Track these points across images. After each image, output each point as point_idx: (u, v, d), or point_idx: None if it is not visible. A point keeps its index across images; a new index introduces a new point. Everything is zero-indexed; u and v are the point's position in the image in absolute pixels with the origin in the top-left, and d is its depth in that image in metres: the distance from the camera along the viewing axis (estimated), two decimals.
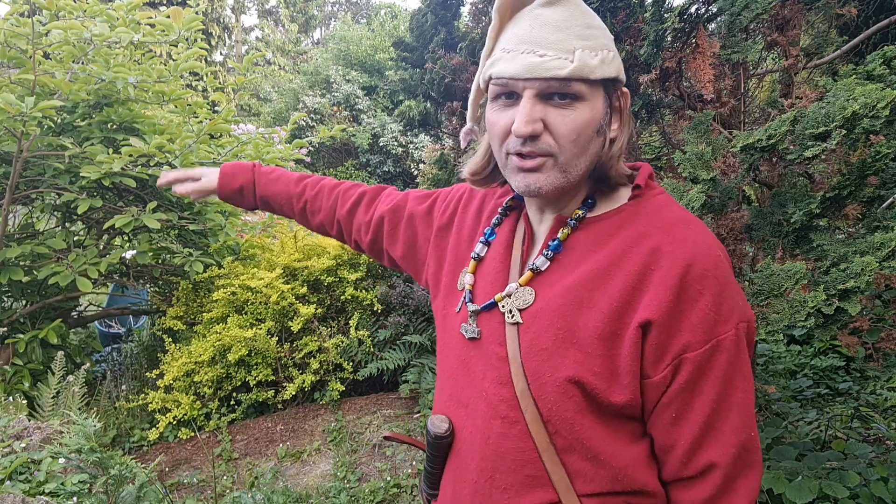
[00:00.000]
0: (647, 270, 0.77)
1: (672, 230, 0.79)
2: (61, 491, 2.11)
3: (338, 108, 11.67)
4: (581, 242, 0.84)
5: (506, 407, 0.81)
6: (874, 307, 1.74)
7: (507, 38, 0.80)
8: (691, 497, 0.78)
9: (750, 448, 0.77)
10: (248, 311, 3.79)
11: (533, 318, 0.82)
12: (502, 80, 0.78)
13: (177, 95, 3.73)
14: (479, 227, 1.01)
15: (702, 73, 1.71)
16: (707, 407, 0.75)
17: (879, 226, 1.69)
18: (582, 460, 0.79)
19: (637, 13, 1.77)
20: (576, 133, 0.77)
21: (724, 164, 1.69)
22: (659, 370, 0.76)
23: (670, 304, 0.74)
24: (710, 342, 0.74)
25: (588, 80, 0.76)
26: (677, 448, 0.78)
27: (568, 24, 0.77)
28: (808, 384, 2.93)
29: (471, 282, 0.93)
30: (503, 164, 0.84)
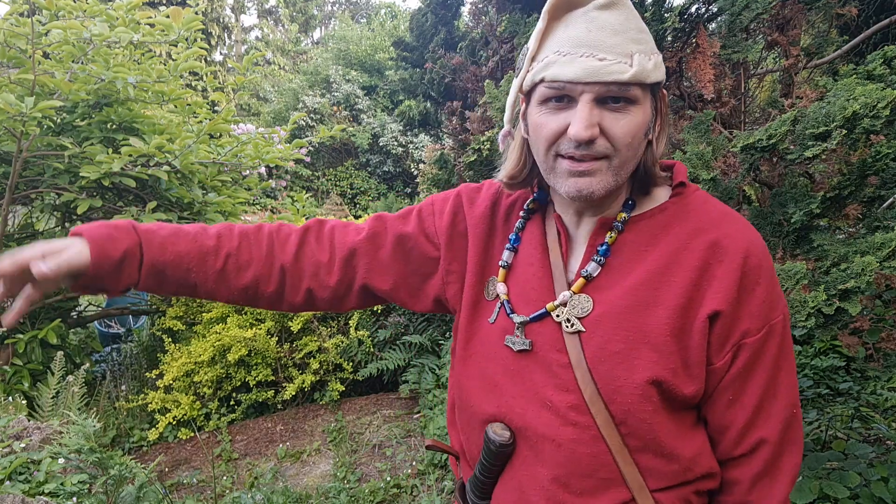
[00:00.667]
0: (708, 265, 0.79)
1: (723, 224, 0.82)
2: (61, 491, 2.10)
3: (338, 108, 11.67)
4: (628, 244, 0.84)
5: (575, 413, 0.80)
6: (874, 307, 1.74)
7: (560, 40, 0.77)
8: (743, 473, 0.83)
9: (794, 424, 0.83)
10: (248, 311, 3.79)
11: (595, 325, 0.81)
12: (559, 84, 0.76)
13: (176, 95, 3.73)
14: (496, 232, 0.97)
15: (702, 72, 1.71)
16: (760, 389, 0.81)
17: (880, 226, 1.68)
18: (654, 458, 0.80)
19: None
20: (631, 136, 0.77)
21: (724, 163, 1.69)
22: (721, 356, 0.80)
23: (735, 294, 0.78)
24: (764, 328, 0.79)
25: (644, 83, 0.76)
26: (732, 429, 0.82)
27: (624, 28, 0.76)
28: (808, 384, 2.93)
29: (504, 291, 0.90)
30: (549, 166, 0.81)
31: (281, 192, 10.50)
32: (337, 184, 11.56)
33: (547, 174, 0.83)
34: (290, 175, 10.99)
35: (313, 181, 11.56)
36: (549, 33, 0.80)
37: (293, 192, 10.59)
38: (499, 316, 0.90)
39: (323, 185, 11.56)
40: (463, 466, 0.98)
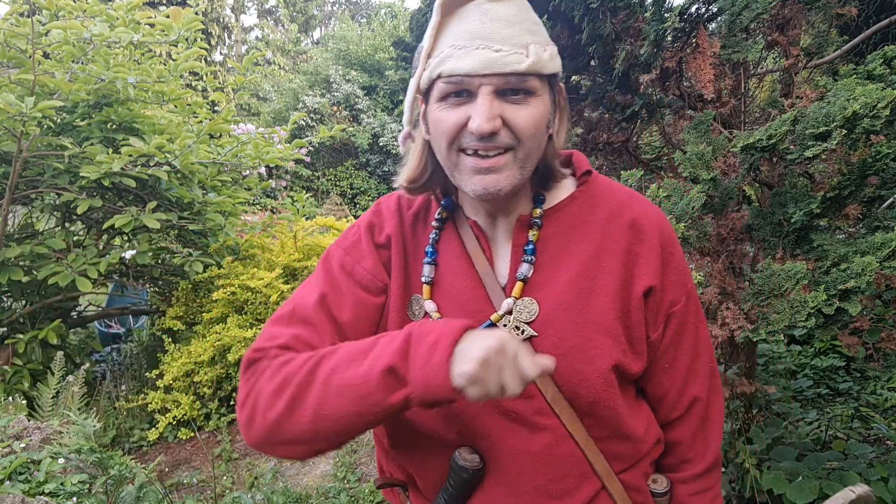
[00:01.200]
0: (630, 244, 0.83)
1: (633, 205, 0.86)
2: (61, 491, 2.10)
3: (338, 108, 11.67)
4: (551, 237, 0.84)
5: (541, 417, 0.80)
6: (874, 307, 1.74)
7: (454, 34, 0.76)
8: (682, 433, 0.90)
9: (715, 376, 0.91)
10: (248, 311, 3.79)
11: (546, 326, 0.80)
12: (456, 78, 0.74)
13: (176, 95, 3.73)
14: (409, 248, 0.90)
15: (702, 72, 1.71)
16: (689, 351, 0.87)
17: (880, 226, 1.68)
18: (618, 442, 0.83)
19: (637, 13, 1.77)
20: (534, 127, 0.76)
21: (724, 163, 1.69)
22: (656, 328, 0.84)
23: (660, 268, 0.83)
24: (684, 294, 0.86)
25: (542, 74, 0.76)
26: (670, 394, 0.88)
27: (518, 19, 0.76)
28: (808, 384, 2.93)
29: (434, 308, 0.85)
30: (453, 163, 0.78)
31: (281, 192, 10.50)
32: (337, 184, 11.56)
33: (451, 172, 0.80)
34: (290, 175, 10.99)
35: (313, 181, 11.56)
36: (443, 29, 0.78)
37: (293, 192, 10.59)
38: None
39: (323, 185, 11.56)
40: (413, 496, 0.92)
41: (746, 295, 1.61)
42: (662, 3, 1.72)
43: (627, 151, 2.21)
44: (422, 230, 0.91)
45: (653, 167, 2.22)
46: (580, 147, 2.10)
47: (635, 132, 2.21)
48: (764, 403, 2.44)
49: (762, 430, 2.12)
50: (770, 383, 2.79)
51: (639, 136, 2.32)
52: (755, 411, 2.28)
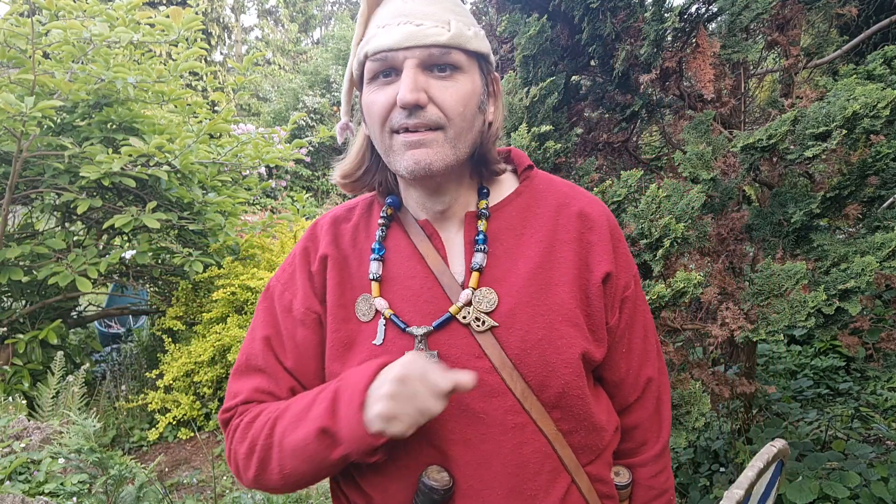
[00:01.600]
0: (581, 233, 0.84)
1: (577, 196, 0.88)
2: (61, 491, 2.10)
3: (338, 108, 11.66)
4: (503, 230, 0.84)
5: (511, 416, 0.77)
6: (874, 307, 1.74)
7: (380, 16, 0.78)
8: (640, 416, 0.91)
9: (660, 357, 0.94)
10: (248, 312, 3.79)
11: (510, 317, 0.78)
12: (381, 54, 0.75)
13: (176, 95, 3.73)
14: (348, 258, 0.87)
15: (702, 72, 1.71)
16: (641, 333, 0.89)
17: (880, 226, 1.68)
18: (584, 434, 0.82)
19: (637, 13, 1.77)
20: (462, 104, 0.76)
21: (724, 163, 1.69)
22: (613, 314, 0.85)
23: (612, 253, 0.84)
24: (633, 278, 0.88)
25: (466, 49, 0.77)
26: (628, 377, 0.89)
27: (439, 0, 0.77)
28: (808, 384, 2.93)
29: (386, 305, 0.81)
30: (387, 145, 0.77)
31: (281, 192, 10.50)
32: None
33: (387, 156, 0.79)
34: (290, 175, 10.99)
35: (313, 181, 11.56)
36: (371, 18, 0.80)
37: (293, 192, 10.60)
38: (387, 335, 0.80)
39: (323, 185, 11.56)
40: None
41: (746, 295, 1.61)
42: (662, 3, 1.72)
43: (627, 151, 2.21)
44: (364, 238, 0.88)
45: (653, 167, 2.22)
46: (580, 147, 2.10)
47: (635, 132, 2.21)
48: (764, 403, 2.44)
49: (762, 430, 2.12)
50: (770, 383, 2.79)
51: (639, 136, 2.32)
52: (755, 411, 2.28)
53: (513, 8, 2.01)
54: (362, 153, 0.86)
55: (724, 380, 1.75)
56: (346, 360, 0.82)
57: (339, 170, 0.88)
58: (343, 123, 0.89)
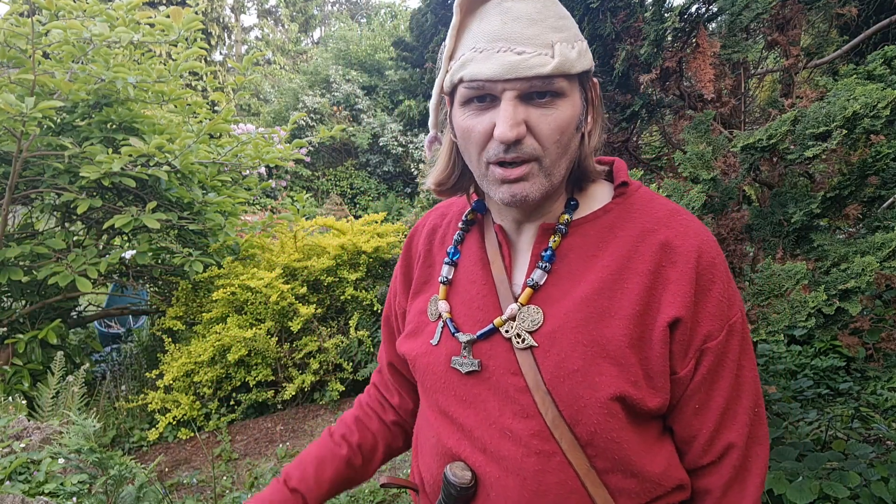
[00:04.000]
0: (660, 267, 0.75)
1: (671, 223, 0.78)
2: (61, 491, 2.10)
3: (338, 108, 11.67)
4: (575, 249, 0.79)
5: (538, 441, 0.74)
6: (875, 307, 1.74)
7: (475, 35, 0.72)
8: (713, 482, 0.79)
9: (759, 423, 0.80)
10: (248, 312, 3.79)
11: (550, 339, 0.75)
12: (477, 83, 0.71)
13: (176, 95, 3.73)
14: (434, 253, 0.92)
15: (702, 72, 1.71)
16: (726, 392, 0.77)
17: (880, 226, 1.68)
18: (623, 477, 0.75)
19: (637, 13, 1.77)
20: (559, 132, 0.72)
21: (724, 163, 1.69)
22: (685, 364, 0.75)
23: (692, 297, 0.74)
24: (724, 328, 0.76)
25: (569, 74, 0.71)
26: (700, 437, 0.78)
27: (542, 17, 0.71)
28: (808, 384, 2.93)
29: (447, 309, 0.84)
30: (482, 174, 0.76)
31: (281, 192, 10.50)
32: (337, 184, 11.56)
33: (481, 181, 0.78)
34: (290, 175, 10.99)
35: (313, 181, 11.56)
36: (464, 29, 0.75)
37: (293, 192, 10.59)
38: (442, 336, 0.83)
39: (323, 185, 11.56)
40: (423, 501, 0.90)
41: (746, 295, 1.61)
42: (662, 3, 1.72)
43: (627, 151, 2.21)
44: (451, 234, 0.92)
45: (653, 167, 2.22)
46: None
47: (635, 132, 2.21)
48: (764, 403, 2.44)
49: None
50: (770, 383, 2.79)
51: (639, 136, 2.32)
52: None
53: None
54: (452, 161, 0.84)
55: None
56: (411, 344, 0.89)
57: (433, 178, 0.86)
58: (432, 136, 0.87)
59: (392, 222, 5.47)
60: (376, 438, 1.04)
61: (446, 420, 0.82)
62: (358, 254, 4.17)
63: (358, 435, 1.03)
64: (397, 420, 1.06)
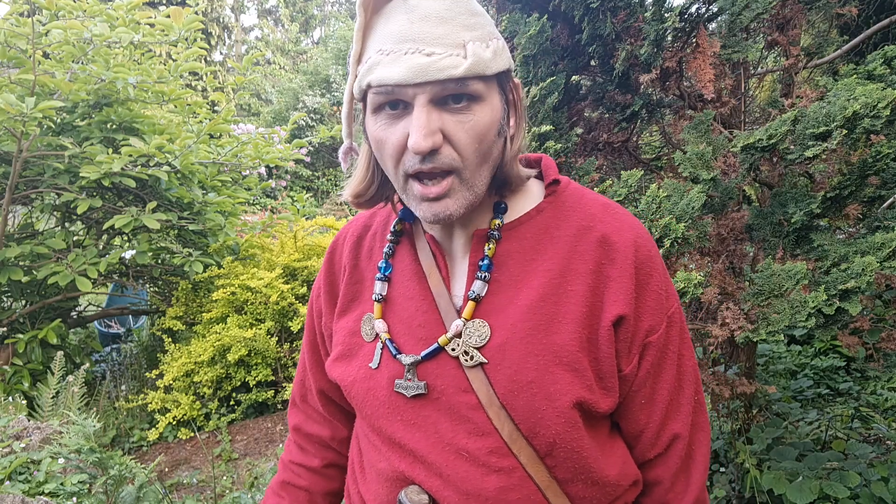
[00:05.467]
0: (601, 266, 0.74)
1: (606, 217, 0.77)
2: (61, 491, 2.10)
3: (338, 108, 11.66)
4: (513, 254, 0.76)
5: (497, 458, 0.71)
6: (875, 307, 1.74)
7: (382, 36, 0.67)
8: (661, 474, 0.80)
9: (700, 410, 0.80)
10: (248, 312, 3.79)
11: (500, 353, 0.72)
12: (386, 88, 0.65)
13: (176, 95, 3.73)
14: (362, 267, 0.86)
15: (702, 72, 1.71)
16: (670, 384, 0.77)
17: (880, 226, 1.68)
18: (584, 486, 0.74)
19: (637, 13, 1.77)
20: (478, 140, 0.68)
21: (724, 163, 1.69)
22: (629, 361, 0.75)
23: (633, 293, 0.73)
24: (664, 321, 0.76)
25: (485, 75, 0.67)
26: (647, 430, 0.78)
27: (451, 14, 0.66)
28: (808, 384, 2.93)
29: (384, 328, 0.79)
30: (401, 187, 0.72)
31: (281, 192, 10.51)
32: (337, 184, 11.55)
33: (402, 193, 0.74)
34: (290, 175, 10.99)
35: (313, 181, 11.56)
36: (370, 29, 0.69)
37: (293, 192, 10.60)
38: (382, 359, 0.78)
39: (323, 185, 11.56)
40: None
41: (746, 295, 1.61)
42: (662, 3, 1.72)
43: (627, 151, 2.21)
44: (379, 250, 0.85)
45: (653, 167, 2.22)
46: (580, 147, 2.10)
47: (635, 132, 2.21)
48: (764, 403, 2.44)
49: (762, 430, 2.12)
50: (770, 383, 2.79)
51: (639, 136, 2.32)
52: (755, 411, 2.28)
53: (513, 8, 2.01)
54: (371, 171, 0.78)
55: (724, 380, 1.75)
56: (344, 368, 0.83)
57: (350, 190, 0.80)
58: (346, 147, 0.81)
59: None
60: (310, 492, 0.98)
61: (393, 446, 0.77)
62: None
63: (288, 498, 0.97)
64: (328, 461, 0.99)
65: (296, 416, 1.01)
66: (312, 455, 0.99)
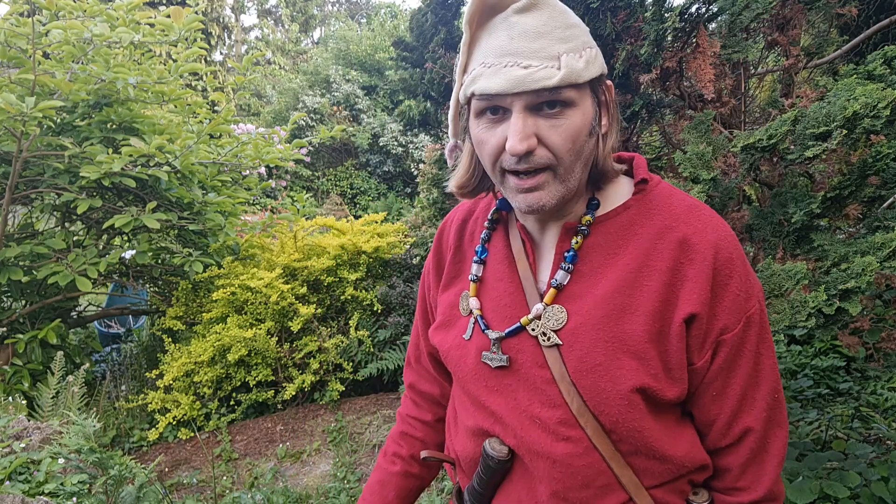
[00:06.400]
0: (679, 264, 0.78)
1: (690, 219, 0.81)
2: (61, 491, 2.10)
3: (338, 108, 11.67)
4: (596, 247, 0.82)
5: (565, 428, 0.80)
6: (875, 307, 1.74)
7: (484, 50, 0.75)
8: (731, 462, 0.84)
9: (778, 408, 0.83)
10: (248, 312, 3.79)
11: (573, 336, 0.80)
12: (487, 97, 0.74)
13: (176, 95, 3.73)
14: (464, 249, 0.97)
15: (702, 72, 1.70)
16: (743, 380, 0.81)
17: (880, 226, 1.68)
18: (647, 460, 0.81)
19: (637, 13, 1.77)
20: (571, 141, 0.75)
21: (724, 163, 1.69)
22: (701, 356, 0.79)
23: (708, 294, 0.77)
24: (741, 321, 0.79)
25: (577, 84, 0.73)
26: (718, 421, 0.82)
27: (547, 29, 0.73)
28: (808, 384, 2.93)
29: (477, 306, 0.89)
30: (499, 182, 0.81)
31: (281, 192, 10.51)
32: (337, 184, 11.56)
33: (499, 187, 0.82)
34: (290, 175, 10.99)
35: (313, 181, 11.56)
36: (475, 43, 0.78)
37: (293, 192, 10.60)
38: (474, 332, 0.89)
39: (323, 185, 11.56)
40: (459, 474, 0.97)
41: None
42: (662, 3, 1.72)
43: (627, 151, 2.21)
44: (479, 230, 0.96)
45: (653, 167, 2.22)
46: None
47: (635, 132, 2.21)
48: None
49: None
50: None
51: (639, 136, 2.32)
52: None
53: None
54: (473, 166, 0.87)
55: None
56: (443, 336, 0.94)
57: (455, 181, 0.89)
58: (452, 144, 0.90)
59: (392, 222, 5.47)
60: (425, 443, 1.10)
61: (479, 407, 0.88)
62: (358, 254, 4.17)
63: (406, 447, 1.10)
64: (439, 416, 1.10)
65: (410, 375, 1.14)
66: (426, 410, 1.11)
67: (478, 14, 0.76)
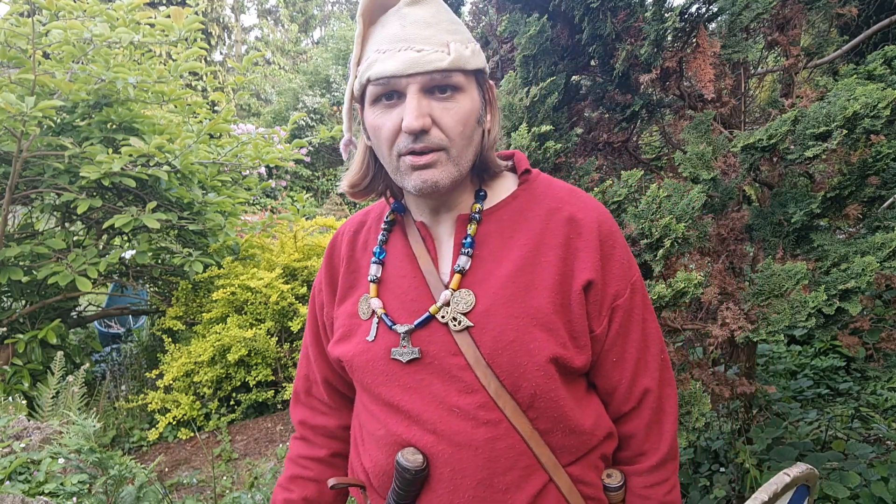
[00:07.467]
0: (569, 239, 0.85)
1: (573, 200, 0.89)
2: (61, 491, 2.10)
3: (338, 108, 11.67)
4: (492, 234, 0.87)
5: (485, 412, 0.81)
6: (875, 307, 1.74)
7: (378, 39, 0.80)
8: (636, 426, 0.91)
9: (666, 367, 0.92)
10: (248, 312, 3.79)
11: (485, 318, 0.82)
12: (383, 80, 0.78)
13: (176, 95, 3.73)
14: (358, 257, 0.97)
15: (702, 72, 1.70)
16: (637, 344, 0.89)
17: (880, 226, 1.68)
18: (563, 435, 0.84)
19: (637, 13, 1.77)
20: (462, 124, 0.80)
21: (724, 163, 1.69)
22: (600, 322, 0.86)
23: (599, 261, 0.85)
24: (628, 287, 0.87)
25: (465, 70, 0.80)
26: (621, 387, 0.89)
27: (436, 20, 0.80)
28: (808, 384, 2.93)
29: (379, 305, 0.88)
30: (395, 167, 0.82)
31: (281, 192, 10.51)
32: (337, 184, 11.57)
33: (394, 175, 0.84)
34: (290, 175, 10.99)
35: (313, 181, 11.56)
36: (367, 37, 0.83)
37: (293, 192, 10.60)
38: (379, 331, 0.88)
39: (323, 185, 11.56)
40: (371, 495, 0.92)
41: (746, 295, 1.61)
42: (663, 3, 1.72)
43: (627, 151, 2.21)
44: (373, 241, 0.96)
45: (653, 167, 2.22)
46: (580, 147, 2.10)
47: (635, 132, 2.21)
48: (764, 403, 2.44)
49: (762, 430, 2.12)
50: (770, 383, 2.79)
51: (639, 136, 2.32)
52: (755, 411, 2.28)
53: (513, 8, 2.00)
54: (366, 164, 0.90)
55: (724, 380, 1.75)
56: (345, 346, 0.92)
57: (346, 180, 0.92)
58: (346, 140, 0.92)
59: None
60: (318, 482, 1.05)
61: (392, 410, 0.86)
62: None
63: (298, 490, 1.04)
64: (334, 450, 1.06)
65: (300, 412, 1.09)
66: (319, 446, 1.07)
67: (370, 7, 0.81)
